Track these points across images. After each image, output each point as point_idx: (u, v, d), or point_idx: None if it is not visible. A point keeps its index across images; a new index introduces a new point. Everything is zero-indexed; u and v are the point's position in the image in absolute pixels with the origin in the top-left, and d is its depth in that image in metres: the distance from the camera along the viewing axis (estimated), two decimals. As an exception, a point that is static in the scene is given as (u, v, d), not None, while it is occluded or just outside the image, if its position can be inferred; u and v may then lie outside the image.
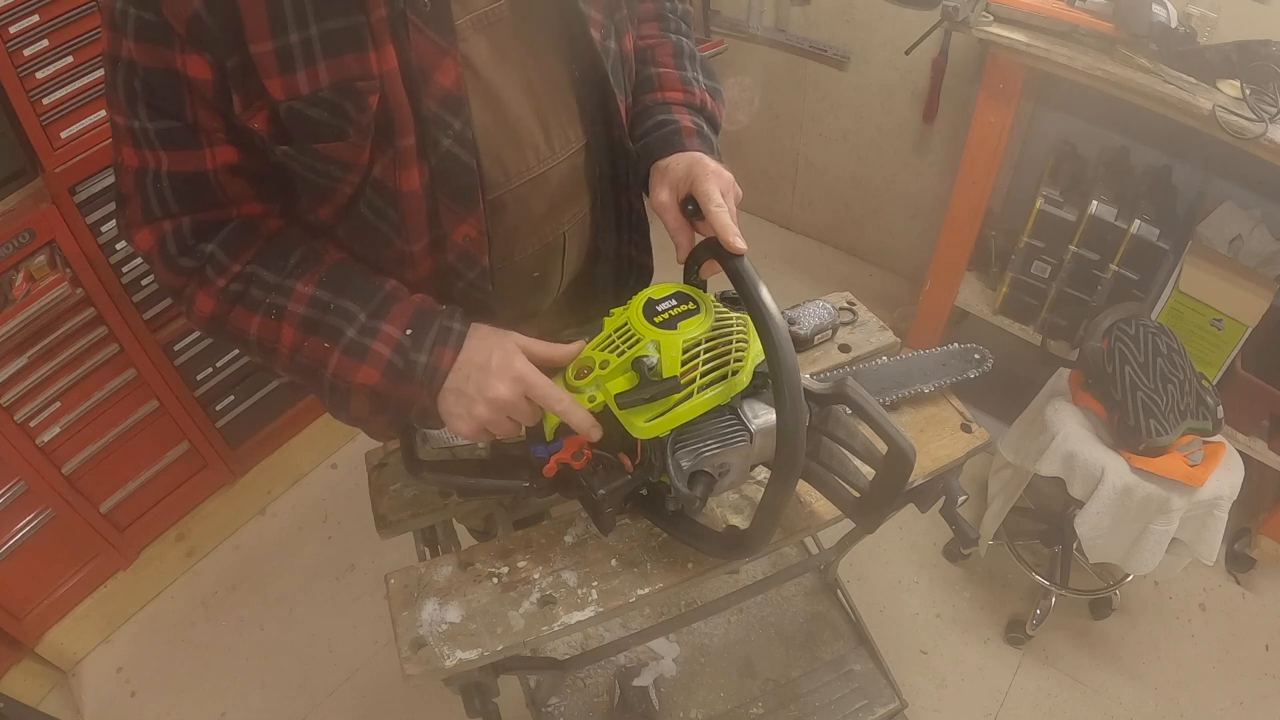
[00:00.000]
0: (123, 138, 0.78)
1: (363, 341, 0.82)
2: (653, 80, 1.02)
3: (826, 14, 2.47)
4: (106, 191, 1.62)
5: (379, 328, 0.82)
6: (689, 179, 0.91)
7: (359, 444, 2.36)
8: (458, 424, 0.85)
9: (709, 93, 1.05)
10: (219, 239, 0.81)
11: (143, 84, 0.74)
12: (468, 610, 0.93)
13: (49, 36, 1.43)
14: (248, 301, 0.83)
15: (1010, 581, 2.04)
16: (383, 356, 0.82)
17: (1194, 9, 1.78)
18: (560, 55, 0.90)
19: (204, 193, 0.79)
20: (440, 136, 0.80)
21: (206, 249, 0.81)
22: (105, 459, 1.82)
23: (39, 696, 1.85)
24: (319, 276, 0.83)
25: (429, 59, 0.78)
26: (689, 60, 1.05)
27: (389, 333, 0.82)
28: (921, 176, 2.59)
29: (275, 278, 0.82)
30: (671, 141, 0.96)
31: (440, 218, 0.85)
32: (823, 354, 1.22)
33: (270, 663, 1.95)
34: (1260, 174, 1.85)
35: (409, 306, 0.85)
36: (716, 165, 0.92)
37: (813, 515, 1.02)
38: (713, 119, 1.04)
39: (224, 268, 0.82)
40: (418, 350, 0.82)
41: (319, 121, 0.75)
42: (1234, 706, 1.85)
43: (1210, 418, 1.62)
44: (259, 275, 0.82)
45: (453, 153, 0.81)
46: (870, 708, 1.56)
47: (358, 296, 0.83)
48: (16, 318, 1.55)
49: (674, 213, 0.93)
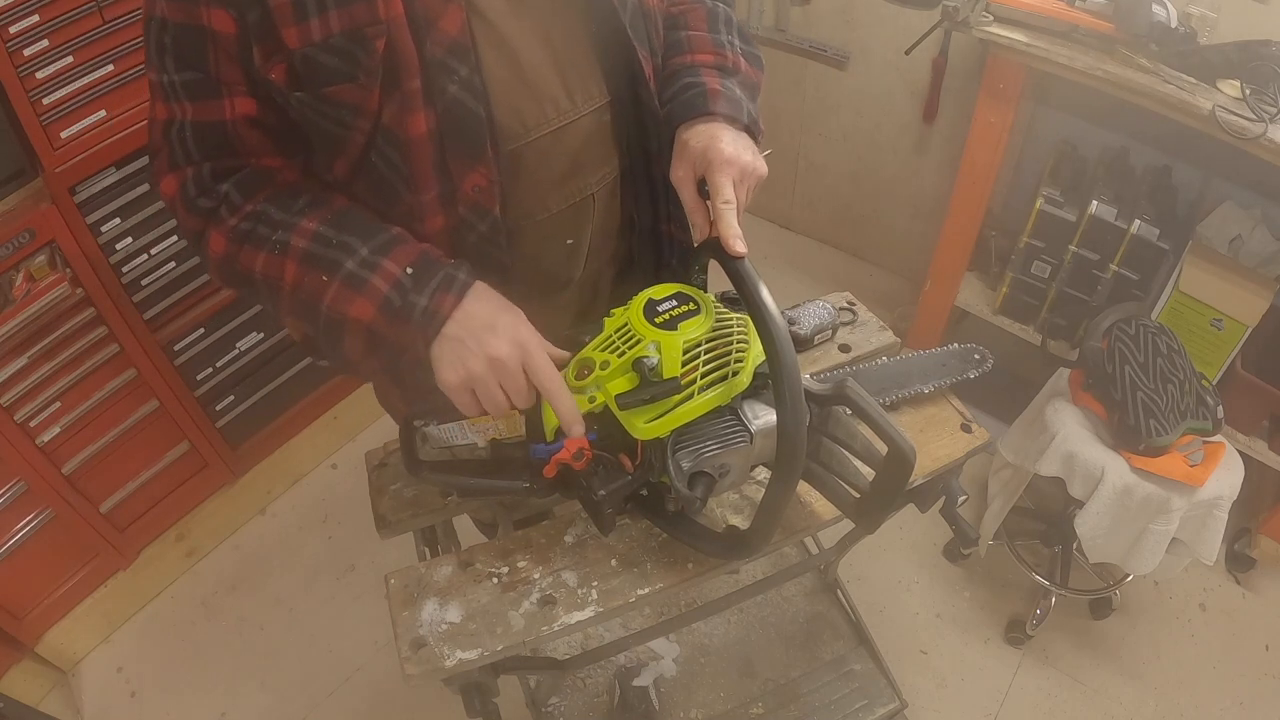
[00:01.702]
0: (155, 93, 0.84)
1: (361, 274, 0.82)
2: (683, 43, 1.00)
3: (826, 14, 2.47)
4: (107, 191, 1.62)
5: (379, 262, 0.83)
6: (704, 161, 0.89)
7: (359, 444, 2.36)
8: (447, 372, 0.83)
9: (745, 56, 1.01)
10: (234, 180, 0.86)
11: (172, 39, 0.80)
12: (468, 610, 0.93)
13: (49, 36, 1.43)
14: (255, 239, 0.85)
15: (1010, 581, 2.04)
16: (380, 291, 0.82)
17: (1194, 9, 1.78)
18: (577, 8, 0.90)
19: (223, 142, 0.84)
20: (446, 82, 0.81)
21: (222, 189, 0.85)
22: (105, 459, 1.82)
23: (39, 696, 1.85)
24: (325, 215, 0.85)
25: (434, 7, 0.80)
26: (724, 25, 1.02)
27: (389, 268, 0.83)
28: (921, 176, 2.59)
29: (283, 215, 0.85)
30: (694, 104, 0.93)
31: (449, 167, 0.85)
32: (823, 354, 1.22)
33: (270, 663, 1.95)
34: (1260, 174, 1.85)
35: (414, 249, 0.85)
36: (732, 150, 0.89)
37: (813, 515, 1.02)
38: (748, 82, 0.99)
39: (237, 207, 0.86)
40: (418, 291, 0.82)
41: (330, 67, 0.79)
42: (1234, 706, 1.86)
43: (1210, 418, 1.62)
44: (268, 213, 0.85)
45: (459, 99, 0.82)
46: (870, 708, 1.56)
47: (362, 233, 0.85)
48: (16, 318, 1.55)
49: (690, 190, 0.92)
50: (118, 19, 1.50)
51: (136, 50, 1.55)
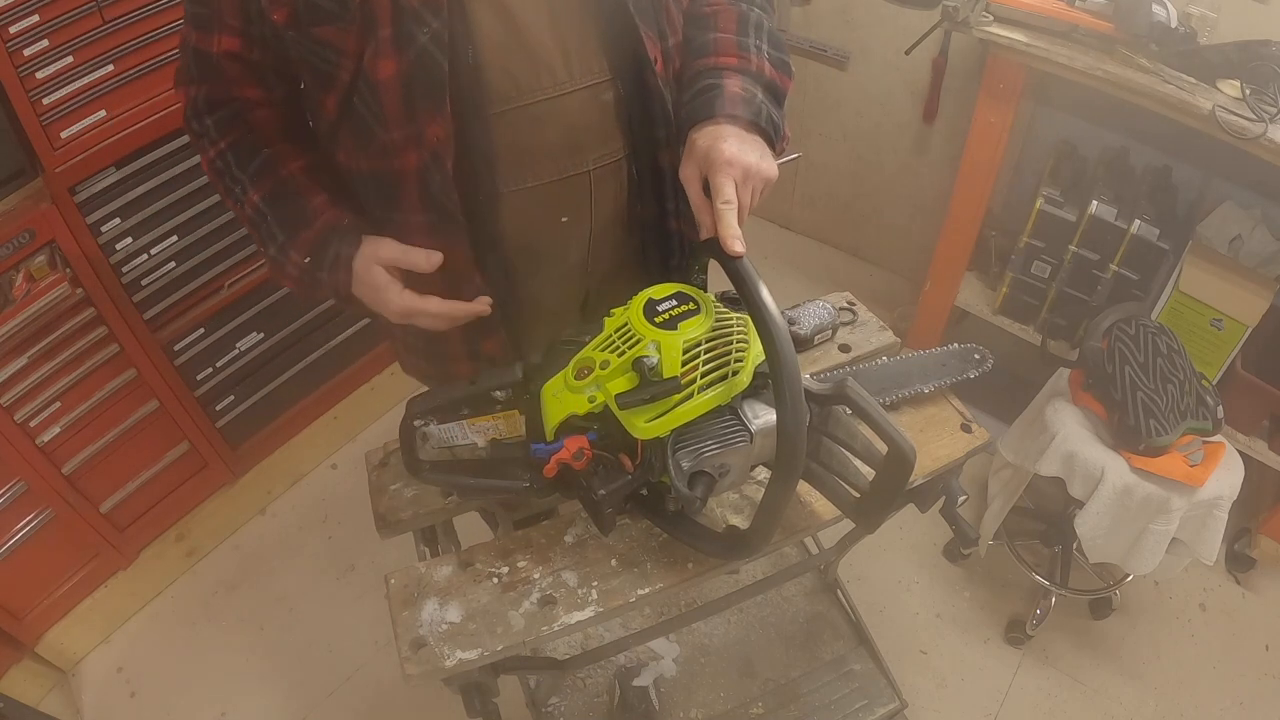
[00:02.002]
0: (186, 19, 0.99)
1: (279, 259, 1.02)
2: (709, 46, 0.99)
3: (826, 14, 2.47)
4: (107, 191, 1.62)
5: (289, 253, 1.00)
6: (707, 161, 0.90)
7: (359, 444, 2.36)
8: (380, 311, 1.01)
9: (772, 62, 1.00)
10: (215, 117, 1.01)
11: None
12: (468, 610, 0.93)
13: (49, 36, 1.43)
14: (225, 181, 1.04)
15: (1010, 581, 2.04)
16: (293, 275, 1.02)
17: (1194, 9, 1.78)
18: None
19: (210, 69, 0.98)
20: (417, 32, 0.86)
21: (207, 121, 1.01)
22: (105, 459, 1.82)
23: (39, 696, 1.85)
24: (266, 189, 1.01)
25: None
26: (753, 29, 1.01)
27: (294, 259, 1.01)
28: (921, 176, 2.59)
29: (240, 174, 1.02)
30: (707, 106, 0.93)
31: (416, 114, 0.90)
32: (823, 354, 1.22)
33: (270, 663, 1.95)
34: (1260, 174, 1.85)
35: (311, 236, 0.99)
36: (734, 151, 0.89)
37: (813, 515, 1.02)
38: (772, 87, 0.99)
39: (214, 142, 1.02)
40: (319, 269, 0.99)
41: (324, 9, 0.87)
42: (1234, 706, 1.85)
43: (1210, 418, 1.62)
44: (230, 168, 1.02)
45: (427, 50, 0.86)
46: (870, 708, 1.56)
47: (282, 220, 1.00)
48: (16, 318, 1.55)
49: (695, 188, 0.92)
50: (118, 19, 1.51)
51: (136, 50, 1.56)
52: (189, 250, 1.78)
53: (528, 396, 0.94)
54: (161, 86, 1.60)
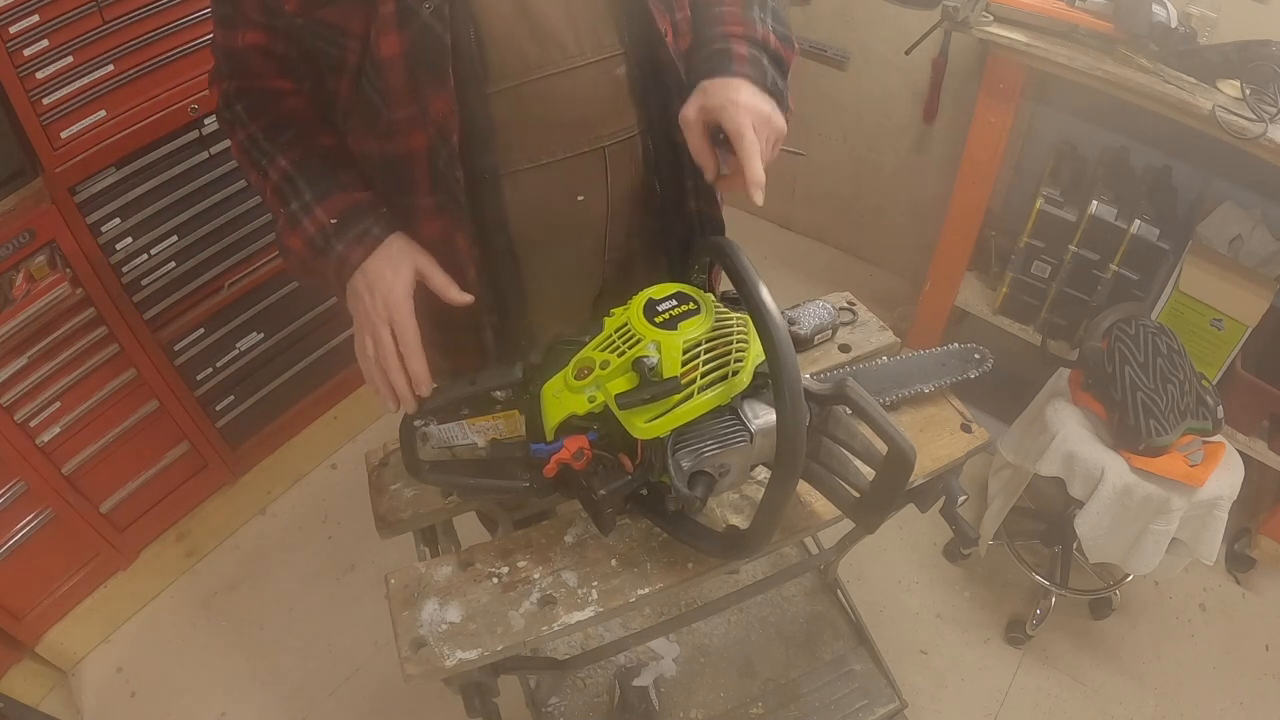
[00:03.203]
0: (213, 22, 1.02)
1: (297, 215, 0.99)
2: (716, 18, 1.01)
3: (826, 14, 2.47)
4: (107, 191, 1.62)
5: (313, 210, 0.98)
6: (721, 105, 0.90)
7: (359, 444, 2.36)
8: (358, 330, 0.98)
9: (777, 35, 1.02)
10: (245, 103, 1.04)
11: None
12: (468, 610, 0.93)
13: (49, 36, 1.43)
14: (253, 155, 1.04)
15: (1010, 581, 2.04)
16: (308, 232, 0.98)
17: (1194, 9, 1.78)
18: None
19: (239, 65, 1.01)
20: (418, 7, 0.86)
21: (237, 108, 1.04)
22: (105, 459, 1.82)
23: (39, 696, 1.85)
24: (297, 155, 1.01)
25: None
26: (758, 3, 1.03)
27: (319, 216, 0.98)
28: (921, 176, 2.59)
29: (269, 145, 1.02)
30: (720, 65, 0.94)
31: (421, 91, 0.90)
32: (823, 354, 1.22)
33: (270, 663, 1.95)
34: (1260, 174, 1.85)
35: (347, 200, 0.98)
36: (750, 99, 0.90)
37: (813, 515, 1.02)
38: (776, 57, 1.00)
39: (244, 125, 1.04)
40: (338, 238, 0.96)
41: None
42: (1234, 706, 1.85)
43: (1210, 418, 1.62)
44: (259, 141, 1.03)
45: (429, 25, 0.87)
46: (870, 708, 1.56)
47: (313, 180, 0.99)
48: (16, 318, 1.55)
49: (697, 131, 0.93)
50: (118, 19, 1.50)
51: (136, 50, 1.56)
52: (189, 250, 1.78)
53: (528, 396, 0.94)
54: (162, 87, 1.60)
